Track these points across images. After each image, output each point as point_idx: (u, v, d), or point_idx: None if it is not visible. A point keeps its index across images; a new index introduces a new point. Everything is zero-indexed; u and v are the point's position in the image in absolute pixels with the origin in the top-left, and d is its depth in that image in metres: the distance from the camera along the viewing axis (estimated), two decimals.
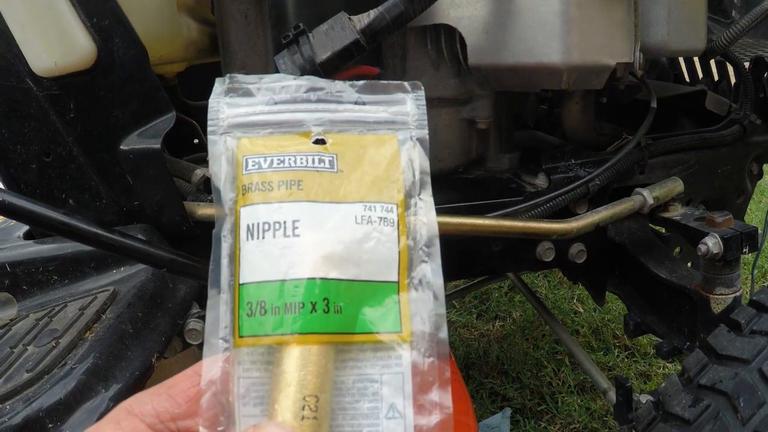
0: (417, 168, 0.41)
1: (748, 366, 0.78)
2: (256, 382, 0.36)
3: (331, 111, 0.42)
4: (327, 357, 0.36)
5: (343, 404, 0.36)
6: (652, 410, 0.85)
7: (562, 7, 0.89)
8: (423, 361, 0.37)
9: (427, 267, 0.39)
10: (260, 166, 0.39)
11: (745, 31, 1.09)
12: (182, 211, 0.85)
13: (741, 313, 0.85)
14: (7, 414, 0.66)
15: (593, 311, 2.29)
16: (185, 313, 0.82)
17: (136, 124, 0.83)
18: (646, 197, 1.03)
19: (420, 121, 0.43)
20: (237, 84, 0.42)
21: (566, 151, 1.08)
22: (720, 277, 0.95)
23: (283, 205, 0.38)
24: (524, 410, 1.84)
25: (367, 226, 0.39)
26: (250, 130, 0.41)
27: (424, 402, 0.37)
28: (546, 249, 1.04)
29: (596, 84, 0.96)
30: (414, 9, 0.85)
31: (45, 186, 0.83)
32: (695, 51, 1.04)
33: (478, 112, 1.06)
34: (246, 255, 0.37)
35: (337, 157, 0.40)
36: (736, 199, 1.25)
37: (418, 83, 0.44)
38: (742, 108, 1.24)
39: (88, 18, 0.79)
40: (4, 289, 0.78)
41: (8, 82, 0.80)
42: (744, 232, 0.94)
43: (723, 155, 1.19)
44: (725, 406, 0.76)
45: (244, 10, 1.01)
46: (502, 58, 0.93)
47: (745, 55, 1.33)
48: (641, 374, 1.98)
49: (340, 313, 0.36)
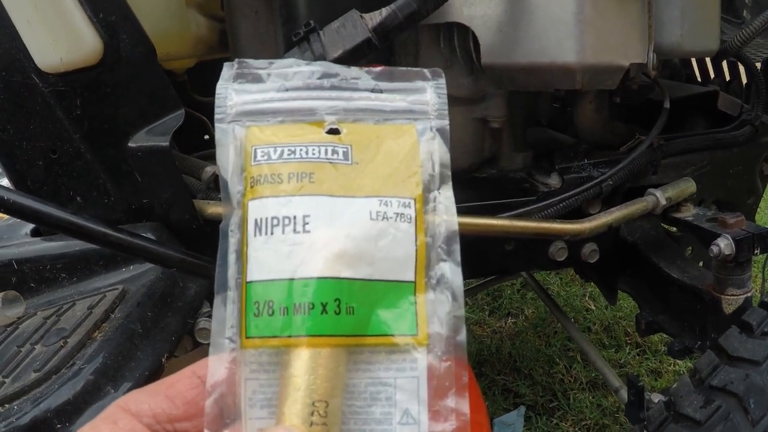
0: (437, 161, 0.39)
1: (759, 368, 0.78)
2: (263, 383, 0.34)
3: (346, 99, 0.40)
4: (338, 360, 0.35)
5: (355, 408, 0.35)
6: (664, 411, 0.85)
7: (577, 6, 0.88)
8: (440, 365, 0.36)
9: (446, 266, 0.37)
10: (270, 156, 0.37)
11: (758, 32, 1.09)
12: (192, 209, 0.84)
13: (752, 315, 0.85)
14: (14, 414, 0.65)
15: (605, 309, 2.30)
16: (196, 312, 0.81)
17: (145, 122, 0.82)
18: (658, 198, 1.03)
19: (440, 111, 0.40)
20: (246, 69, 0.40)
21: (579, 151, 1.07)
22: (731, 278, 0.95)
23: (293, 198, 0.36)
24: (536, 407, 1.85)
25: (383, 222, 0.36)
26: (259, 119, 0.38)
27: (440, 408, 0.35)
28: (559, 249, 1.04)
29: (610, 84, 0.95)
30: (427, 7, 0.84)
31: (52, 183, 0.82)
32: (709, 52, 1.03)
33: (491, 111, 1.06)
34: (253, 252, 0.35)
35: (351, 148, 0.38)
36: (748, 199, 1.25)
37: (439, 70, 0.41)
38: (754, 109, 1.24)
39: (94, 13, 0.78)
40: (12, 286, 0.77)
41: (13, 77, 0.79)
42: (756, 234, 0.94)
43: (735, 156, 1.19)
44: (736, 407, 0.76)
45: (254, 6, 1.00)
46: (515, 57, 0.93)
47: (757, 56, 1.33)
48: (652, 371, 1.99)
49: (353, 314, 0.35)
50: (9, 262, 0.78)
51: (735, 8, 1.40)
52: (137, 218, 0.85)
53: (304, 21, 0.88)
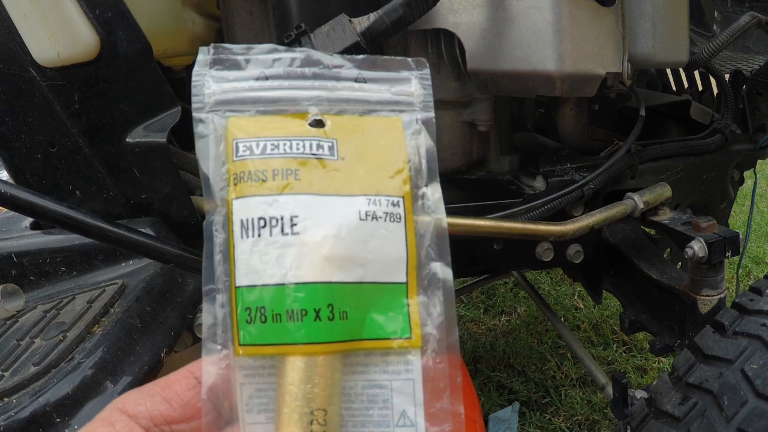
0: (423, 155, 0.38)
1: (731, 366, 0.81)
2: (259, 388, 0.34)
3: (329, 89, 0.38)
4: (333, 366, 0.34)
5: (353, 411, 0.35)
6: (645, 407, 0.87)
7: (554, 17, 0.90)
8: (434, 366, 0.35)
9: (437, 266, 0.37)
10: (252, 151, 0.35)
11: (724, 45, 1.14)
12: (190, 205, 0.84)
13: (725, 315, 0.88)
14: (13, 408, 0.64)
15: (593, 308, 2.35)
16: (195, 307, 0.81)
17: (142, 118, 0.82)
18: (636, 201, 1.07)
19: (425, 103, 0.39)
20: (223, 55, 0.38)
21: (562, 155, 1.10)
22: (706, 279, 0.98)
23: (279, 198, 0.35)
24: (530, 403, 1.89)
25: (373, 222, 0.35)
26: (239, 109, 0.37)
27: (436, 409, 0.35)
28: (545, 249, 1.06)
29: (588, 92, 0.98)
30: (413, 14, 0.86)
31: (51, 176, 0.82)
32: (679, 63, 1.07)
33: (478, 115, 1.08)
34: (241, 255, 0.34)
35: (336, 143, 0.37)
36: (720, 203, 1.29)
37: (423, 60, 0.40)
38: (724, 118, 1.29)
39: (91, 9, 0.77)
40: (11, 279, 0.76)
41: (11, 70, 0.78)
42: (726, 237, 0.97)
43: (707, 162, 1.24)
44: (711, 404, 0.78)
45: (248, 6, 1.00)
46: (498, 64, 0.95)
47: (725, 68, 1.38)
48: (638, 368, 2.04)
49: (346, 319, 0.34)
50: (8, 255, 0.77)
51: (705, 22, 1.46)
52: (136, 213, 0.84)
53: (296, 23, 0.89)
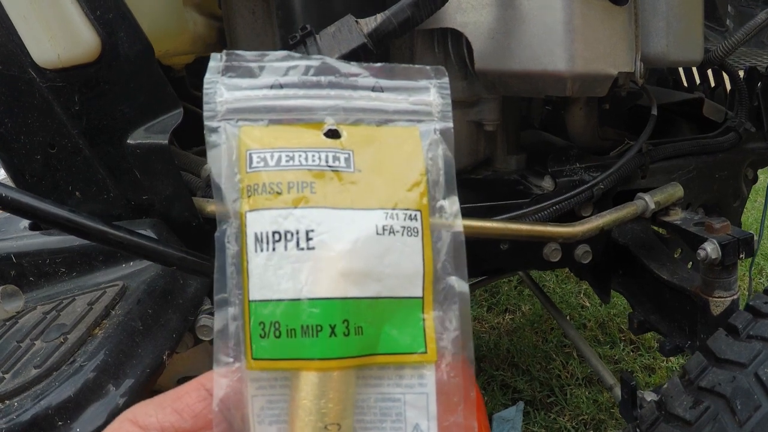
0: (441, 167, 0.37)
1: (745, 370, 0.80)
2: (271, 400, 0.34)
3: (345, 98, 0.37)
4: (348, 381, 0.34)
5: (365, 424, 0.35)
6: (655, 410, 0.86)
7: (566, 16, 0.89)
8: (448, 381, 0.35)
9: (454, 279, 0.36)
10: (267, 163, 0.35)
11: (741, 43, 1.12)
12: (191, 207, 0.83)
13: (738, 318, 0.87)
14: (15, 411, 0.64)
15: (599, 306, 2.32)
16: (196, 309, 0.80)
17: (143, 119, 0.82)
18: (647, 202, 1.05)
19: (444, 112, 0.38)
20: (236, 62, 0.37)
21: (571, 155, 1.09)
22: (718, 281, 0.97)
23: (294, 211, 0.34)
24: (534, 402, 1.87)
25: (390, 237, 0.35)
26: (252, 118, 0.36)
27: (449, 423, 0.35)
28: (553, 250, 1.05)
29: (599, 92, 0.97)
30: (421, 14, 0.85)
31: (50, 178, 0.81)
32: (693, 62, 1.05)
33: (485, 114, 1.07)
34: (255, 269, 0.34)
35: (353, 154, 0.36)
36: (733, 202, 1.27)
37: (442, 69, 0.39)
38: (738, 116, 1.27)
39: (92, 11, 0.77)
40: (11, 280, 0.76)
41: (11, 71, 0.78)
42: (740, 239, 0.96)
43: (720, 161, 1.22)
44: (724, 408, 0.77)
45: (250, 6, 1.00)
46: (507, 64, 0.94)
47: (739, 64, 1.36)
48: (646, 367, 2.02)
49: (362, 334, 0.34)
50: (7, 256, 0.76)
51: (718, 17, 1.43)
52: (137, 214, 0.84)
53: (300, 24, 0.88)
